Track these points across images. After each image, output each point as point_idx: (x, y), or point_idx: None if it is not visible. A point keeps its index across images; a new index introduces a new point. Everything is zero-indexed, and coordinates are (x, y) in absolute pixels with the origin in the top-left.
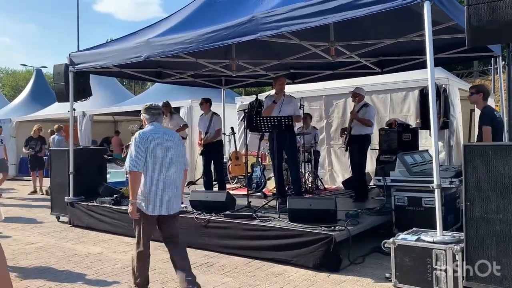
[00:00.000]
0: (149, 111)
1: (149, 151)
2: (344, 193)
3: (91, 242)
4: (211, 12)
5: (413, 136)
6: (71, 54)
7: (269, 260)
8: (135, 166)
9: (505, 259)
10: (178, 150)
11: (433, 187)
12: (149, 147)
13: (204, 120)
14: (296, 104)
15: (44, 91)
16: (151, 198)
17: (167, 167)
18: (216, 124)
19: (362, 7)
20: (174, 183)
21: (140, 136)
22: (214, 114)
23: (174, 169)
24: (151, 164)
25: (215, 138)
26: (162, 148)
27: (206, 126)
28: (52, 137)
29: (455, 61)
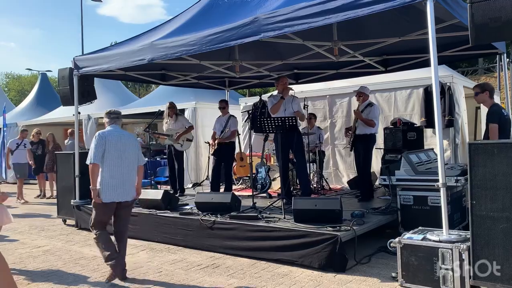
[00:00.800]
0: (109, 115)
1: (107, 148)
2: (350, 193)
3: None
4: (214, 14)
5: (418, 134)
6: (75, 58)
7: (275, 261)
8: (94, 159)
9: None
10: (132, 147)
11: (438, 185)
12: (107, 144)
13: (220, 121)
14: (299, 103)
15: (49, 95)
16: (107, 187)
17: (122, 161)
18: (233, 125)
19: (364, 6)
20: (128, 175)
21: (99, 135)
22: (231, 116)
23: (128, 163)
24: (108, 159)
25: (230, 139)
26: (118, 145)
27: (223, 126)
28: (66, 141)
29: (460, 59)
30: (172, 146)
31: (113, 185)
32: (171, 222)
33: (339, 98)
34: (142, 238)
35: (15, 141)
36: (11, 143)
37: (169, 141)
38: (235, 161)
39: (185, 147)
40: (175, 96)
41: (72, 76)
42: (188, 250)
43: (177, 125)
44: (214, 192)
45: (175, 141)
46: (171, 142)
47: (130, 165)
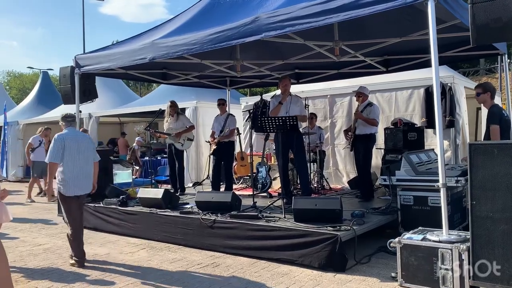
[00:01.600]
0: (65, 119)
1: (65, 148)
2: (350, 193)
3: (98, 243)
4: (215, 13)
5: (419, 135)
6: (76, 56)
7: (275, 260)
8: (53, 159)
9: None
10: (88, 146)
11: (438, 186)
12: (65, 144)
13: (219, 120)
14: (302, 104)
15: (51, 93)
16: (68, 182)
17: (79, 159)
18: (231, 124)
19: (365, 7)
20: (85, 171)
21: (58, 136)
22: (229, 115)
23: (85, 160)
24: (68, 157)
25: (229, 138)
26: (75, 145)
27: (221, 125)
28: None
29: (461, 59)
30: (172, 145)
31: (74, 181)
32: (172, 221)
33: (339, 98)
34: (142, 236)
35: (37, 138)
36: (33, 139)
37: (169, 140)
38: (236, 161)
39: (185, 146)
40: (176, 95)
41: (73, 74)
42: (188, 249)
43: (178, 124)
44: (215, 191)
45: (176, 139)
46: (172, 141)
47: (87, 162)
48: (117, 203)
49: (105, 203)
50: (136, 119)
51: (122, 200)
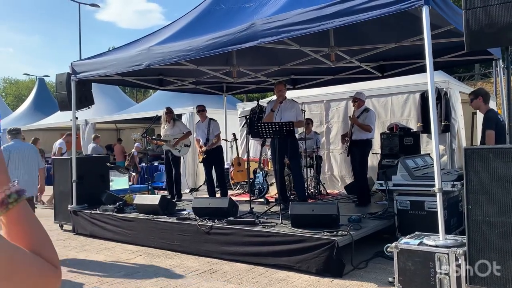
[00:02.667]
0: (10, 133)
1: (10, 158)
2: (347, 198)
3: (94, 250)
4: (211, 19)
5: (415, 140)
6: (73, 63)
7: (272, 266)
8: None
9: (508, 262)
10: (31, 156)
11: (434, 191)
12: (10, 155)
13: (201, 127)
14: (298, 108)
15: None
16: None
17: (24, 166)
18: (215, 129)
19: (360, 13)
20: (28, 178)
21: (3, 148)
22: (211, 120)
23: (30, 167)
24: (13, 166)
25: (216, 144)
26: (19, 155)
27: (205, 133)
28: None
29: (456, 64)
30: (169, 151)
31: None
32: (168, 227)
33: (335, 103)
34: (139, 243)
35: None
36: (61, 144)
37: (166, 147)
38: (233, 166)
39: (183, 152)
40: (173, 101)
41: (69, 81)
42: (185, 256)
43: (175, 131)
44: (211, 197)
45: (173, 146)
46: (169, 147)
47: (32, 169)
48: (114, 209)
49: (101, 209)
50: (132, 125)
51: (118, 207)
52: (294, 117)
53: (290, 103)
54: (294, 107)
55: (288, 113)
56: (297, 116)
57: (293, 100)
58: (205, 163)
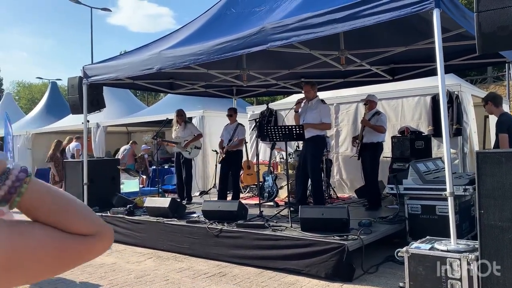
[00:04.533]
0: None
1: None
2: (357, 202)
3: (105, 252)
4: (222, 23)
5: (426, 143)
6: (84, 67)
7: (282, 270)
8: None
9: None
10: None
11: (446, 195)
12: None
13: (228, 129)
14: (323, 109)
15: (59, 103)
16: None
17: None
18: (240, 133)
19: (370, 16)
20: None
21: None
22: (239, 125)
23: None
24: None
25: (237, 147)
26: None
27: (230, 134)
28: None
29: (468, 67)
30: (180, 153)
31: None
32: (178, 230)
33: (345, 106)
34: (149, 246)
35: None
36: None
37: (177, 149)
38: (242, 169)
39: (193, 154)
40: (183, 104)
41: (81, 84)
42: (195, 259)
43: (186, 133)
44: (221, 200)
45: (183, 148)
46: (180, 149)
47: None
48: (124, 212)
49: (112, 212)
50: (143, 128)
51: (129, 209)
52: (317, 119)
53: (316, 104)
54: (318, 107)
55: (310, 114)
56: (322, 117)
57: (321, 101)
58: (223, 164)
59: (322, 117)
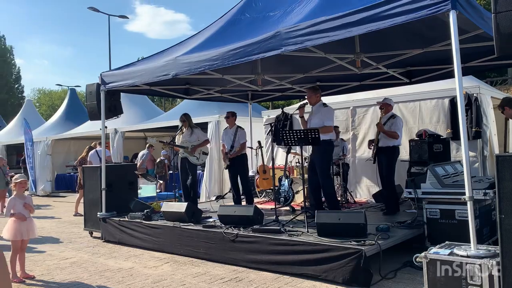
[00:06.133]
0: None
1: None
2: (375, 206)
3: (122, 257)
4: (236, 28)
5: (445, 146)
6: (102, 73)
7: (298, 275)
8: None
9: None
10: None
11: (465, 199)
12: None
13: (228, 133)
14: (325, 113)
15: (78, 109)
16: None
17: None
18: (241, 137)
19: (386, 19)
20: None
21: None
22: (238, 128)
23: None
24: None
25: (240, 152)
26: None
27: (231, 139)
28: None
29: (487, 69)
30: (186, 158)
31: None
32: (195, 234)
33: (361, 109)
34: (166, 250)
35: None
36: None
37: (183, 154)
38: (258, 174)
39: (201, 160)
40: (199, 109)
41: (99, 91)
42: (211, 263)
43: (193, 138)
44: (237, 205)
45: (191, 153)
46: (187, 154)
47: None
48: (142, 217)
49: (130, 217)
50: (160, 133)
51: (146, 214)
52: (319, 123)
53: (317, 108)
54: (320, 111)
55: (313, 119)
56: (324, 121)
57: (323, 104)
58: (230, 171)
59: (324, 120)
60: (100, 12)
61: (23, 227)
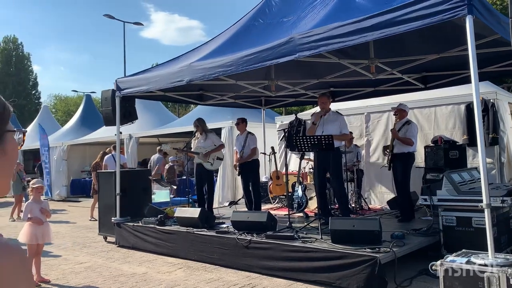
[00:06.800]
0: None
1: None
2: (389, 213)
3: (136, 262)
4: (250, 34)
5: (461, 153)
6: (117, 80)
7: (312, 282)
8: None
9: None
10: None
11: (482, 206)
12: None
13: (239, 139)
14: (342, 121)
15: (93, 115)
16: None
17: None
18: (251, 143)
19: (401, 24)
20: None
21: None
22: (249, 134)
23: None
24: None
25: (251, 157)
26: None
27: (242, 145)
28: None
29: (504, 74)
30: (201, 164)
31: None
32: (208, 240)
33: (376, 115)
34: (179, 256)
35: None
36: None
37: (198, 160)
38: (271, 180)
39: (215, 166)
40: (213, 115)
41: (114, 97)
42: (225, 269)
43: (207, 143)
44: (250, 211)
45: (205, 159)
46: (201, 160)
47: None
48: (155, 222)
49: (143, 222)
50: (174, 139)
51: (160, 219)
52: (338, 130)
53: (334, 115)
54: (338, 119)
55: (330, 126)
56: (342, 129)
57: (338, 113)
58: (242, 177)
59: (342, 128)
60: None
61: (39, 231)
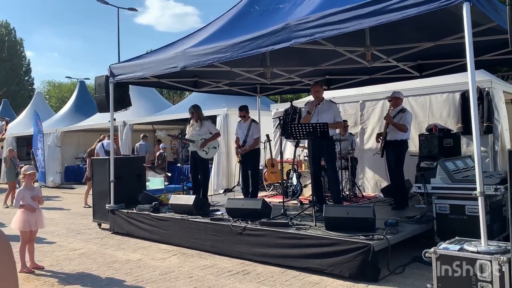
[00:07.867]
0: None
1: None
2: (383, 201)
3: (130, 249)
4: (246, 21)
5: (455, 141)
6: (111, 66)
7: (305, 269)
8: None
9: None
10: None
11: (476, 194)
12: None
13: (242, 127)
14: (336, 109)
15: (87, 102)
16: None
17: None
18: (255, 132)
19: (397, 11)
20: None
21: None
22: (253, 122)
23: None
24: None
25: (254, 146)
26: None
27: (245, 134)
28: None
29: (499, 63)
30: (195, 152)
31: None
32: (202, 227)
33: (371, 103)
34: (173, 243)
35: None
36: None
37: (193, 148)
38: (266, 167)
39: (210, 154)
40: (208, 102)
41: (108, 83)
42: (219, 256)
43: (202, 131)
44: (245, 198)
45: (200, 148)
46: (196, 148)
47: None
48: (150, 209)
49: (138, 209)
50: (169, 126)
51: (154, 207)
52: (332, 119)
53: (328, 104)
54: (331, 108)
55: (325, 114)
56: (335, 117)
57: (331, 101)
58: (242, 164)
59: (335, 116)
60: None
61: (32, 218)
